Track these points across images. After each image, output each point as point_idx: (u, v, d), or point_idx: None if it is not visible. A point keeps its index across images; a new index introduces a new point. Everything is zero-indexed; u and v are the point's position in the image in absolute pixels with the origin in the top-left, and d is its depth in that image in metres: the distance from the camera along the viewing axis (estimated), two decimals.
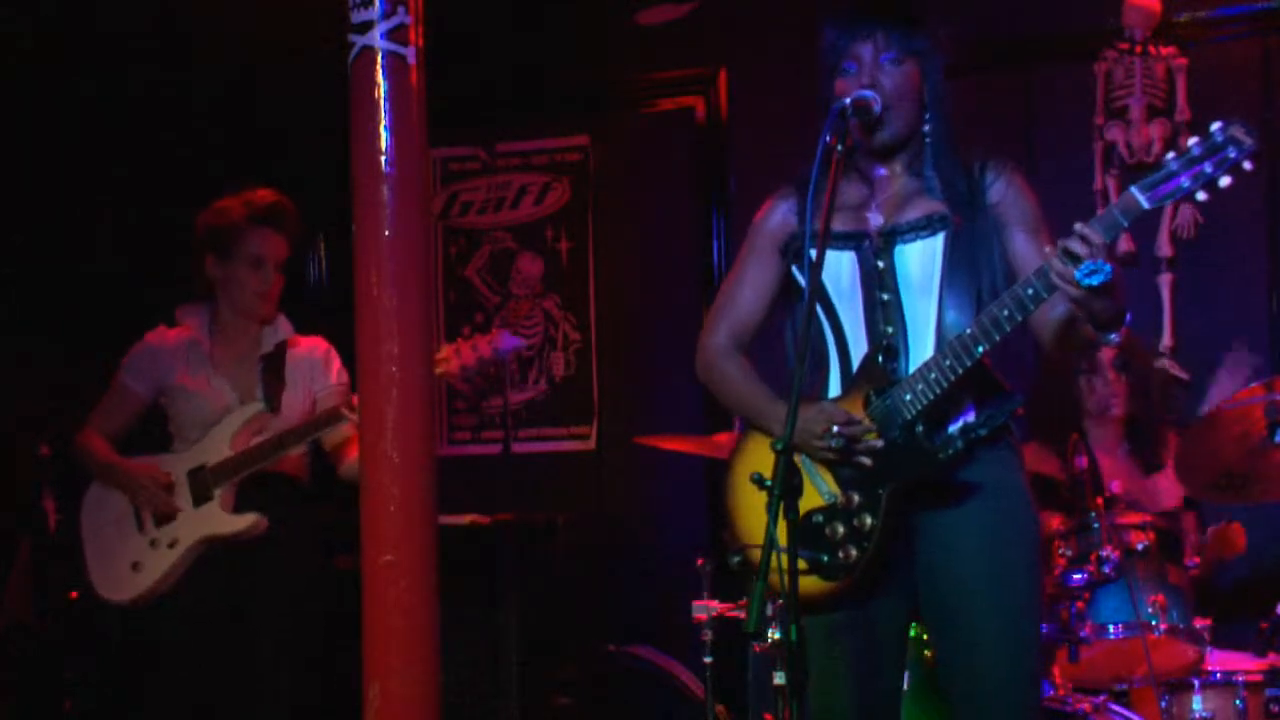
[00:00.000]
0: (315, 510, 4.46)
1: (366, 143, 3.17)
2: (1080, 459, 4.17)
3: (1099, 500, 4.12)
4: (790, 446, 2.66)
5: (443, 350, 4.08)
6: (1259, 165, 5.15)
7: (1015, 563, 3.08)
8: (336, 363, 4.47)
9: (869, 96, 3.05)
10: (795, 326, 3.27)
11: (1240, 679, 4.08)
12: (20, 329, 5.49)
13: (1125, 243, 5.27)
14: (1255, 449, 4.09)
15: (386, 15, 3.17)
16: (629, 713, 5.17)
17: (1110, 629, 4.04)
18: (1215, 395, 4.94)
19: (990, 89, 5.50)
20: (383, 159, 3.15)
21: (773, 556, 2.62)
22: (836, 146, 2.99)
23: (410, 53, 3.18)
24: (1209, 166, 2.77)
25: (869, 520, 3.03)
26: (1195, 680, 4.10)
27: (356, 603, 3.19)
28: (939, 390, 3.00)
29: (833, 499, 3.07)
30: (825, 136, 2.99)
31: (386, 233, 3.16)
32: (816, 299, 3.15)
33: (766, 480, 2.68)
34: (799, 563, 2.61)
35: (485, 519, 5.14)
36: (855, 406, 3.08)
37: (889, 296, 3.11)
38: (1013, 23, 5.51)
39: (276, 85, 5.78)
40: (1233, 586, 4.70)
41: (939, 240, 3.10)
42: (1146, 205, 2.81)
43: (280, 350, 4.45)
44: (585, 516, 5.79)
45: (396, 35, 3.16)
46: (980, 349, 2.95)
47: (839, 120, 3.00)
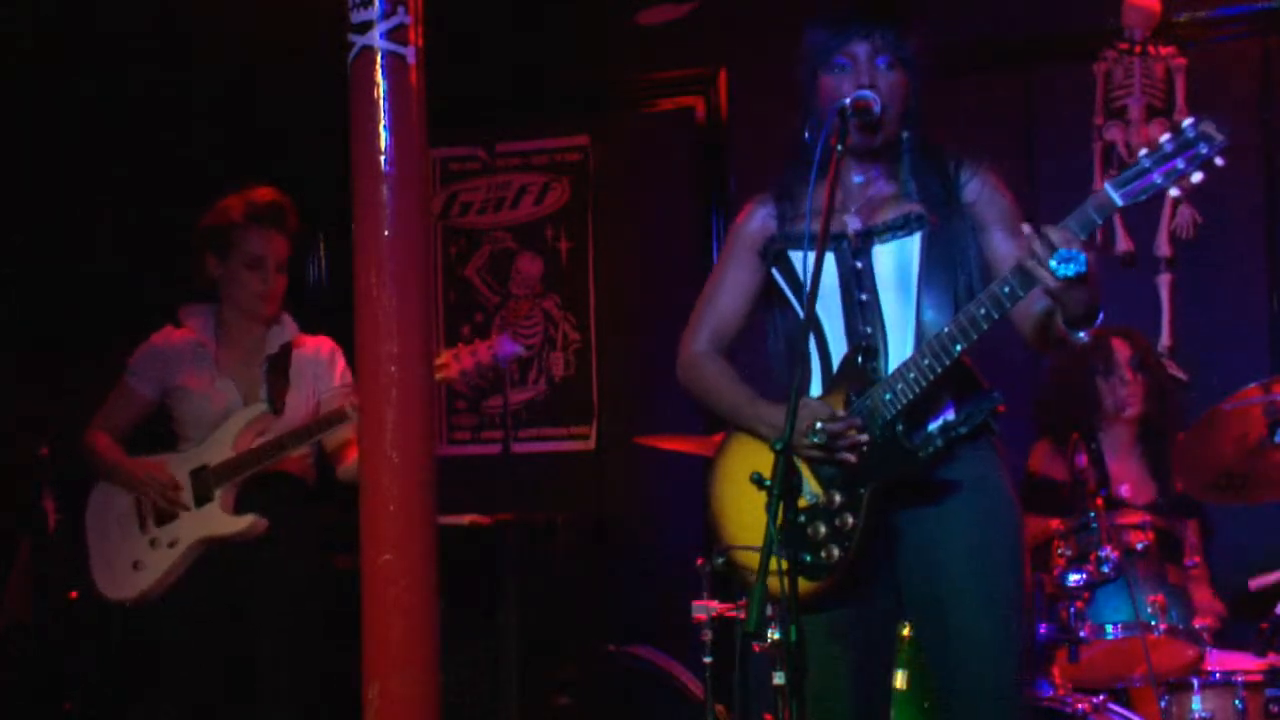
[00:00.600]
0: (317, 511, 4.46)
1: (366, 143, 3.17)
2: (1080, 457, 4.16)
3: (1099, 500, 4.12)
4: (790, 446, 2.66)
5: (442, 356, 4.09)
6: (1257, 165, 5.19)
7: (998, 561, 3.08)
8: (341, 363, 4.47)
9: (870, 97, 3.05)
10: (777, 328, 3.28)
11: (1240, 679, 4.07)
12: (20, 329, 5.48)
13: (1124, 242, 5.27)
14: (1255, 449, 4.09)
15: (386, 15, 3.16)
16: (628, 713, 5.17)
17: (1110, 629, 4.04)
18: None
19: (990, 89, 5.50)
20: (382, 159, 3.15)
21: (760, 557, 2.62)
22: (836, 147, 2.98)
23: (410, 52, 3.18)
24: (1181, 162, 2.79)
25: (850, 520, 3.03)
26: (1195, 680, 4.10)
27: (356, 602, 3.18)
28: (918, 389, 3.00)
29: (815, 499, 3.07)
30: (823, 136, 2.99)
31: (386, 233, 3.15)
32: (801, 300, 3.18)
33: (766, 480, 2.68)
34: (781, 563, 2.60)
35: (485, 519, 5.14)
36: (836, 406, 3.09)
37: (867, 296, 3.12)
38: (1012, 23, 5.51)
39: (276, 85, 5.78)
40: (1232, 586, 4.69)
41: (915, 240, 3.11)
42: (1120, 202, 2.84)
43: (285, 351, 4.45)
44: (585, 517, 5.78)
45: (396, 35, 3.16)
46: (958, 348, 2.96)
47: (839, 120, 3.00)
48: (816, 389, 3.18)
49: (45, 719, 4.99)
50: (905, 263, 3.11)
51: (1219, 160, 2.79)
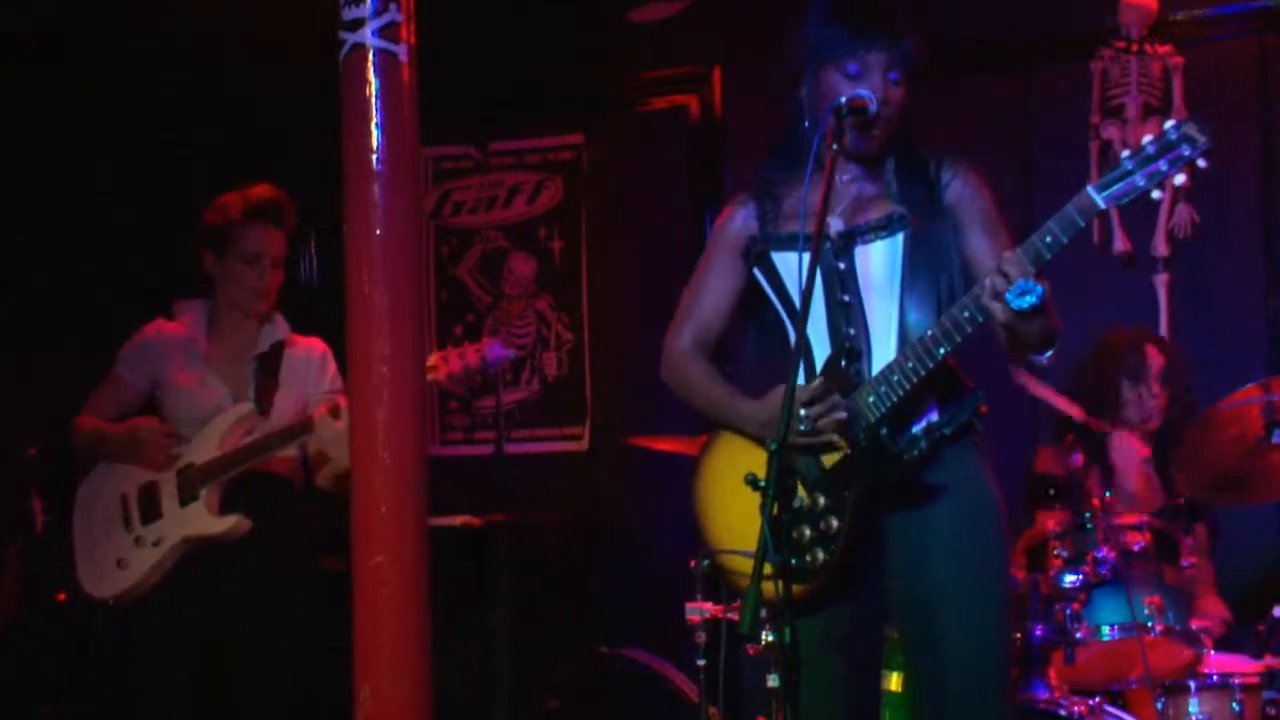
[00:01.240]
0: (305, 512, 4.45)
1: (358, 141, 3.17)
2: (1075, 457, 4.17)
3: (1095, 501, 4.12)
4: (784, 446, 2.66)
5: (431, 358, 4.10)
6: (1255, 163, 5.20)
7: (984, 563, 3.09)
8: (333, 367, 4.46)
9: (866, 96, 3.05)
10: (757, 330, 3.29)
11: (1237, 681, 4.08)
12: (9, 330, 5.47)
13: (1121, 242, 5.27)
14: (1252, 449, 4.09)
15: (378, 13, 3.17)
16: (621, 715, 5.16)
17: (1106, 630, 4.04)
18: None
19: (987, 88, 5.51)
20: (374, 157, 3.15)
21: (758, 561, 2.62)
22: (832, 146, 2.99)
23: (402, 50, 3.18)
24: (1164, 164, 2.82)
25: (835, 523, 3.03)
26: (1192, 682, 4.10)
27: (346, 604, 3.19)
28: (902, 392, 3.00)
29: (800, 502, 3.07)
30: (819, 135, 2.99)
31: (378, 232, 3.16)
32: (784, 301, 3.19)
33: (760, 481, 2.68)
34: (765, 566, 2.60)
35: (477, 520, 5.14)
36: None
37: (850, 298, 3.12)
38: (1009, 22, 5.51)
39: (270, 82, 5.77)
40: (1230, 587, 4.70)
41: (898, 241, 3.11)
42: (1102, 205, 2.85)
43: (276, 350, 4.45)
44: (578, 517, 5.79)
45: (388, 33, 3.16)
46: (942, 350, 2.96)
47: (834, 119, 3.00)
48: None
49: None
50: (888, 264, 3.11)
51: (1202, 162, 2.80)
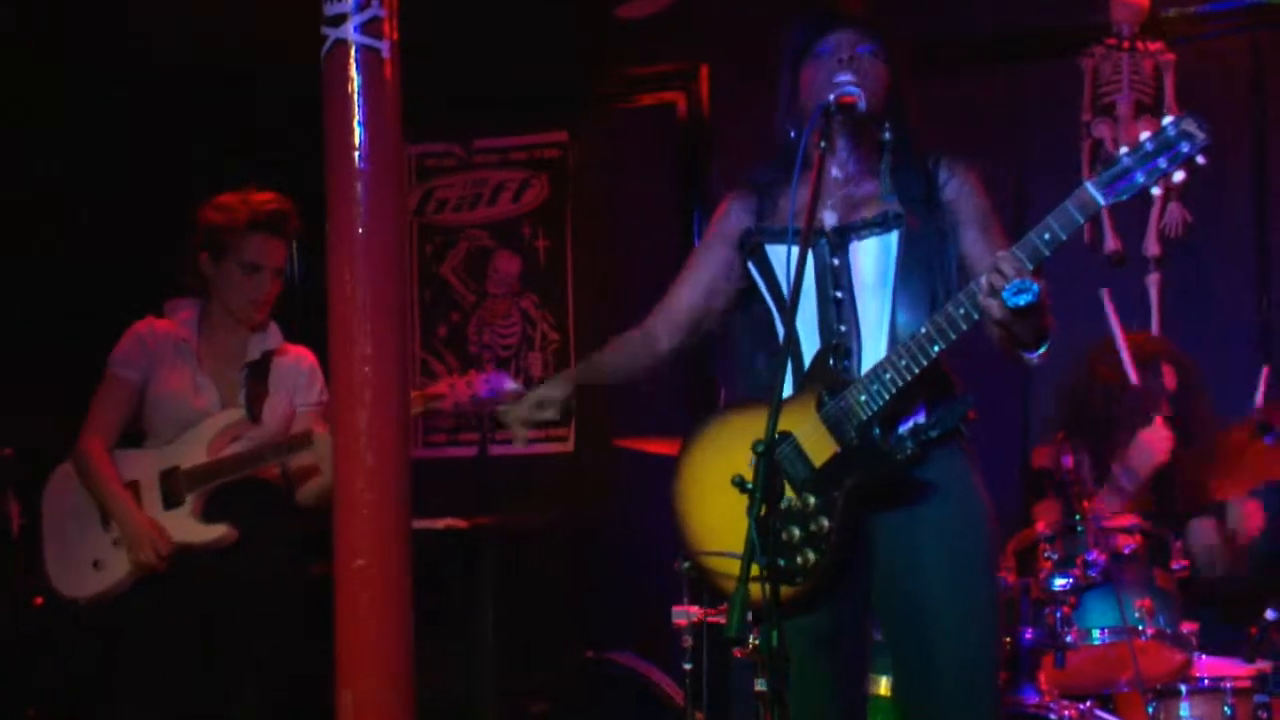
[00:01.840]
0: (291, 518, 4.43)
1: (340, 138, 3.17)
2: (1066, 458, 4.18)
3: (1085, 503, 4.13)
4: (771, 448, 2.67)
5: (440, 385, 4.13)
6: (1247, 162, 5.21)
7: (972, 568, 3.10)
8: (320, 381, 4.42)
9: (854, 93, 3.06)
10: (748, 325, 3.30)
11: (1228, 685, 4.08)
12: None
13: (1112, 241, 5.29)
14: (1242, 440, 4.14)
15: (360, 8, 3.17)
16: None
17: (1096, 634, 4.04)
18: None
19: (976, 86, 5.52)
20: (356, 154, 3.16)
21: (741, 562, 2.63)
22: (820, 144, 3.00)
23: (385, 46, 3.19)
24: (1163, 161, 2.84)
25: (825, 523, 3.03)
26: (1183, 686, 4.10)
27: (329, 609, 3.18)
28: (894, 390, 3.01)
29: (787, 502, 3.07)
30: (806, 133, 3.00)
31: (360, 230, 3.16)
32: (775, 296, 3.20)
33: (748, 483, 2.68)
34: (753, 568, 2.61)
35: (461, 523, 5.14)
36: (808, 407, 3.09)
37: (842, 294, 3.14)
38: (998, 18, 5.52)
39: (277, 84, 5.77)
40: (1221, 590, 4.71)
41: (893, 238, 3.13)
42: (1103, 201, 2.87)
43: (266, 359, 4.42)
44: (563, 520, 5.79)
45: (371, 29, 3.17)
46: (936, 348, 2.97)
47: (823, 118, 3.01)
48: (787, 389, 3.16)
49: None
50: (882, 261, 3.13)
51: (1200, 159, 2.83)
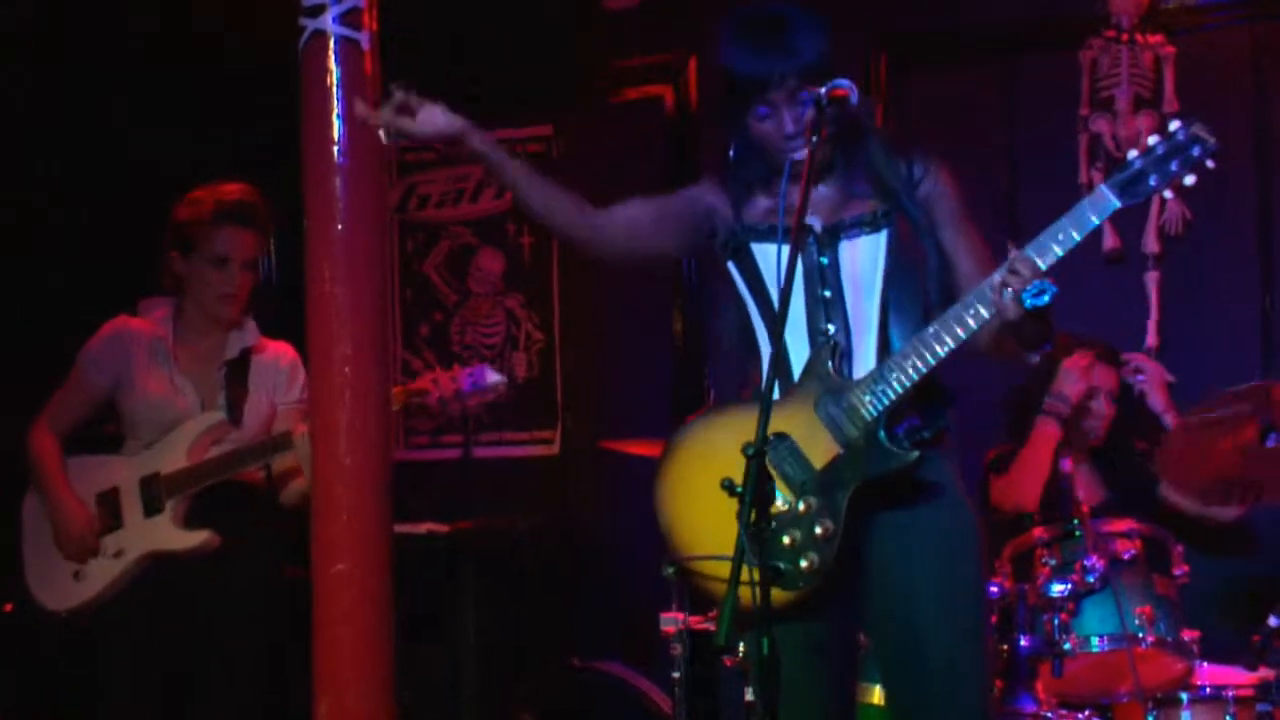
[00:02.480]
0: (275, 524, 4.41)
1: (318, 132, 3.17)
2: (1064, 462, 4.18)
3: (1083, 507, 4.13)
4: (762, 451, 2.66)
5: (423, 380, 4.11)
6: (1248, 157, 5.21)
7: (965, 576, 3.13)
8: (301, 376, 4.37)
9: (846, 85, 3.06)
10: (730, 326, 3.31)
11: (1230, 693, 4.09)
12: None
13: (1110, 239, 5.29)
14: (1245, 454, 4.11)
15: None
16: None
17: (1095, 641, 4.04)
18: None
19: (970, 79, 5.51)
20: (335, 149, 3.15)
21: (731, 567, 2.63)
22: (811, 138, 3.00)
23: (364, 38, 3.18)
24: (1175, 165, 2.90)
25: (830, 525, 3.03)
26: (1184, 695, 4.11)
27: (309, 615, 3.18)
28: (900, 390, 3.03)
29: (786, 504, 3.07)
30: (800, 125, 3.01)
31: (339, 227, 3.16)
32: (757, 296, 3.20)
33: (738, 486, 2.68)
34: (753, 573, 2.61)
35: (444, 527, 5.13)
36: (805, 407, 3.09)
37: (830, 293, 3.15)
38: (993, 9, 5.51)
39: (236, 70, 5.77)
40: (1223, 596, 4.72)
41: (882, 237, 3.15)
42: (1118, 203, 2.92)
43: (245, 357, 4.40)
44: (548, 524, 5.78)
45: (350, 19, 3.16)
46: (944, 349, 3.00)
47: (816, 111, 3.01)
48: (775, 389, 3.17)
49: None
50: (872, 260, 3.15)
51: (1210, 163, 2.88)
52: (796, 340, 3.17)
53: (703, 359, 5.77)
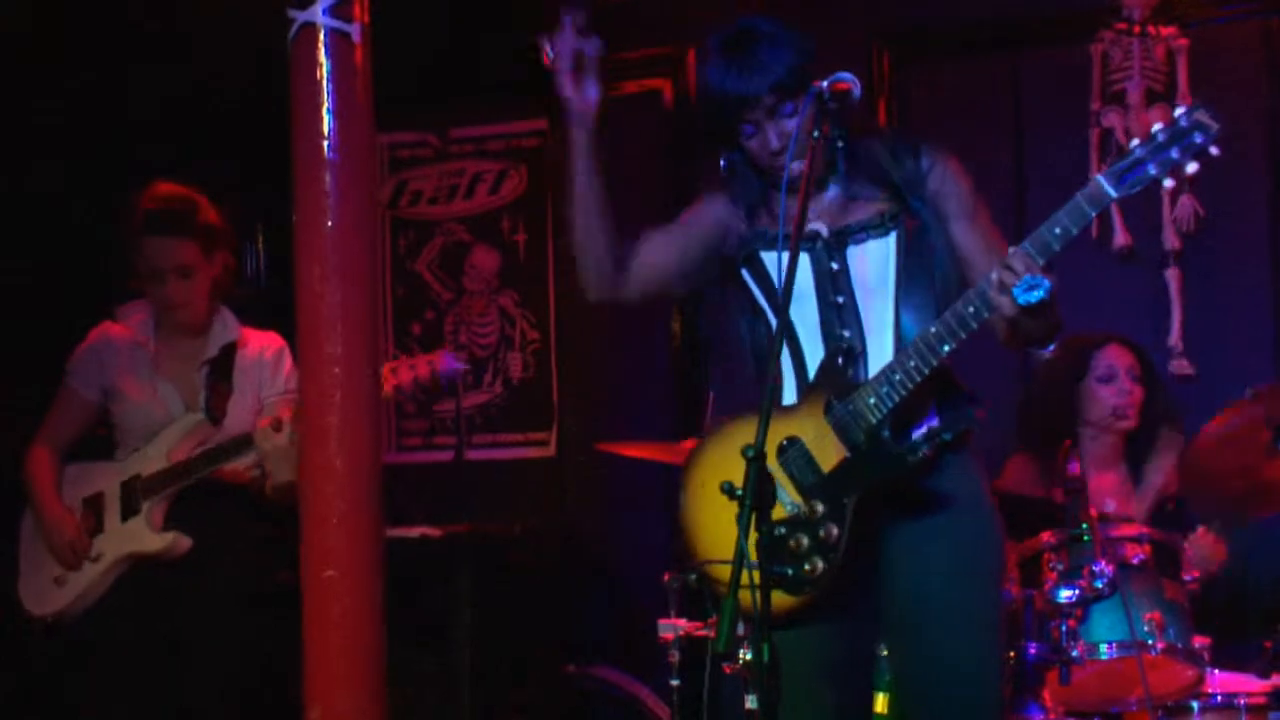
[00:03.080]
0: (258, 526, 4.41)
1: (308, 127, 3.16)
2: (1073, 465, 4.18)
3: (1092, 511, 4.13)
4: (762, 454, 2.67)
5: (382, 368, 4.09)
6: (1262, 151, 5.21)
7: (983, 584, 3.15)
8: (288, 364, 4.39)
9: (849, 79, 3.06)
10: (746, 335, 3.32)
11: (1242, 701, 4.09)
12: None
13: (1121, 236, 5.29)
14: (1258, 461, 4.12)
15: None
16: None
17: (1104, 648, 4.04)
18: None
19: (978, 72, 5.52)
20: (325, 144, 3.14)
21: (730, 571, 2.63)
22: (813, 134, 3.00)
23: (355, 30, 3.17)
24: (1175, 152, 2.88)
25: (835, 531, 3.04)
26: (1194, 703, 4.11)
27: (299, 622, 3.17)
28: (904, 392, 3.04)
29: (795, 509, 3.08)
30: (796, 124, 3.01)
31: (330, 224, 3.14)
32: (770, 302, 3.22)
33: (738, 490, 2.69)
34: (754, 577, 2.61)
35: (437, 531, 5.13)
36: (815, 411, 3.11)
37: (843, 299, 3.16)
38: (1002, 3, 5.52)
39: (221, 65, 5.76)
40: (1234, 603, 4.72)
41: (891, 239, 3.17)
42: (1114, 194, 2.91)
43: (228, 353, 4.39)
44: (544, 528, 5.78)
45: (340, 11, 3.15)
46: (946, 347, 3.00)
47: (818, 105, 3.01)
48: (791, 393, 3.20)
49: None
50: (882, 263, 3.16)
51: (1214, 149, 2.86)
52: (813, 346, 3.19)
53: (702, 360, 5.77)
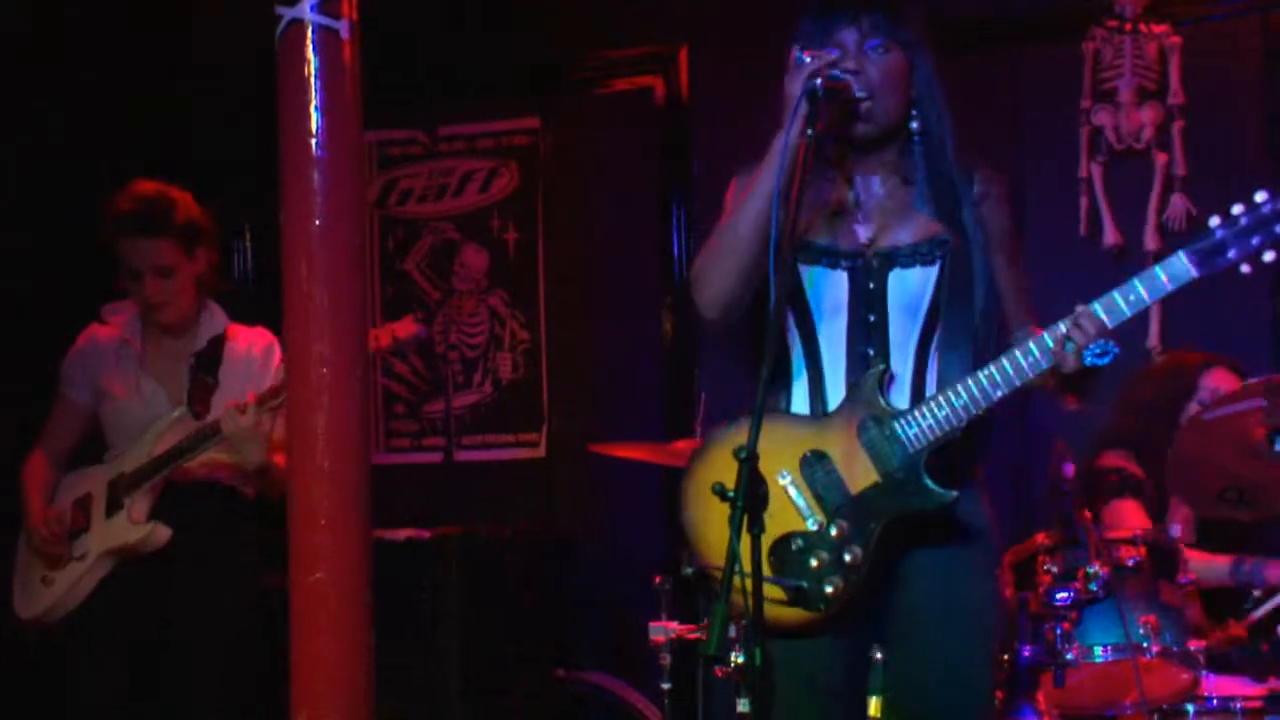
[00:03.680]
0: (246, 525, 4.40)
1: (296, 124, 3.15)
2: (1067, 467, 4.17)
3: (1086, 513, 4.13)
4: (754, 455, 2.66)
5: None
6: (1257, 151, 5.21)
7: (984, 613, 3.19)
8: (277, 358, 4.37)
9: (845, 78, 3.04)
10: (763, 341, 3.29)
11: (1238, 705, 4.08)
12: None
13: (1111, 234, 5.28)
14: (1253, 458, 4.11)
15: None
16: None
17: (1099, 651, 4.04)
18: None
19: (968, 70, 5.47)
20: (313, 142, 3.13)
21: (736, 575, 2.63)
22: (807, 132, 2.97)
23: (343, 26, 3.16)
24: (1257, 240, 2.93)
25: (859, 553, 3.05)
26: (1190, 706, 4.10)
27: (286, 625, 3.17)
28: (949, 428, 3.04)
29: (818, 525, 3.07)
30: (793, 122, 2.98)
31: (317, 222, 3.14)
32: (790, 308, 3.17)
33: (729, 491, 2.68)
34: (776, 590, 2.61)
35: (425, 533, 5.13)
36: (849, 430, 3.09)
37: (875, 317, 3.15)
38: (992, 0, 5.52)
39: (207, 63, 5.76)
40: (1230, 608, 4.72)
41: (934, 269, 3.14)
42: (1196, 274, 2.94)
43: (215, 348, 4.39)
44: (534, 530, 5.78)
45: (328, 7, 3.14)
46: (999, 393, 3.02)
47: (810, 103, 2.98)
48: (802, 404, 3.17)
49: None
50: (920, 289, 3.14)
51: None
52: (834, 360, 3.16)
53: (692, 360, 5.77)
